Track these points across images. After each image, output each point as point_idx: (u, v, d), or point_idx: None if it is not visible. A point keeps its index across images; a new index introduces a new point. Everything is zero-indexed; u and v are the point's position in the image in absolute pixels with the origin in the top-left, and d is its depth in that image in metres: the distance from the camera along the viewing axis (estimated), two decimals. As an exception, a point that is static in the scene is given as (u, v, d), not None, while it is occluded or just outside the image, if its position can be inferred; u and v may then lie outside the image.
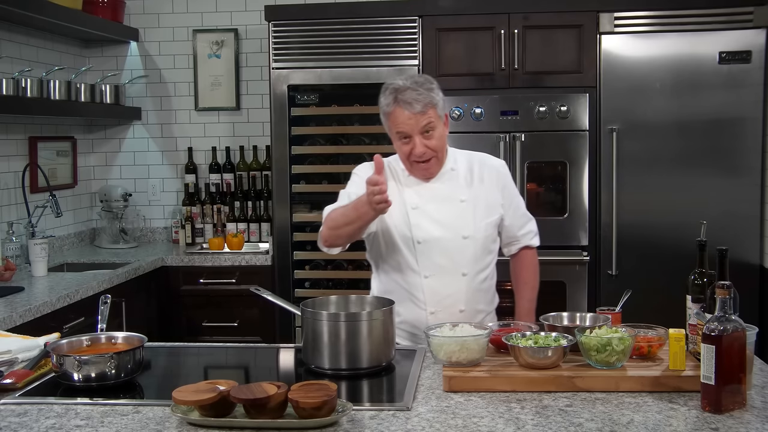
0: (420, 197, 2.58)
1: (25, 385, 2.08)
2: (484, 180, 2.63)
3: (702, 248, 2.15)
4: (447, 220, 2.56)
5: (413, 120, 2.47)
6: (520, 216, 2.71)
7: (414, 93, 2.47)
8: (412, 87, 2.49)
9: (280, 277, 4.32)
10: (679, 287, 2.28)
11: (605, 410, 1.84)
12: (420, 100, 2.47)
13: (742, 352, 1.82)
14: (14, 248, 3.96)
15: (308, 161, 4.44)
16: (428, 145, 2.50)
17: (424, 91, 2.48)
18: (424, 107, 2.47)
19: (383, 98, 2.55)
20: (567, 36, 4.08)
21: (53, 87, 4.15)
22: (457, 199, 2.58)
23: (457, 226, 2.56)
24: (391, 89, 2.53)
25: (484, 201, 2.61)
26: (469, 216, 2.57)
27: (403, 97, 2.48)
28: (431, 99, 2.49)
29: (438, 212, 2.56)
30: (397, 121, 2.50)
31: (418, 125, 2.48)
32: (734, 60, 3.95)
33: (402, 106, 2.48)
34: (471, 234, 2.56)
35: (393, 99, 2.50)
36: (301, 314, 2.23)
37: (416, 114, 2.46)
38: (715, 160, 3.99)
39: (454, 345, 2.07)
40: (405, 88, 2.49)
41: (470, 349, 2.07)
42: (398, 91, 2.50)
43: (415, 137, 2.49)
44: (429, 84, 2.53)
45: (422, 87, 2.49)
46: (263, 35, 4.70)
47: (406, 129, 2.49)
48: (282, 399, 1.76)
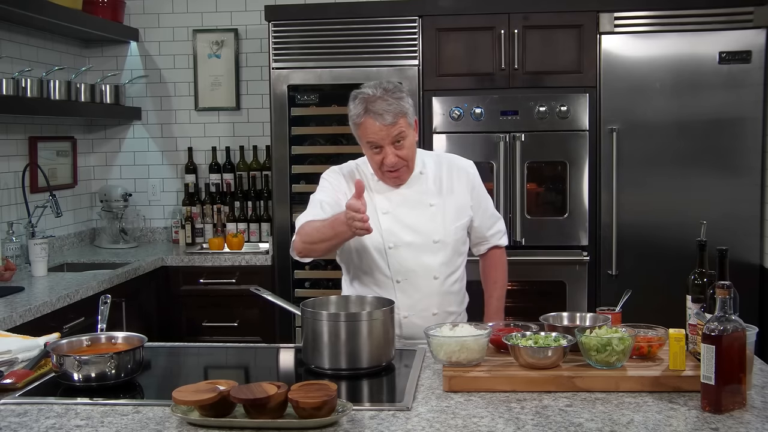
0: (390, 202, 2.58)
1: (25, 385, 2.08)
2: (453, 182, 2.63)
3: (702, 248, 2.15)
4: (417, 224, 2.56)
5: (384, 131, 2.45)
6: (489, 216, 2.72)
7: (384, 103, 2.44)
8: (382, 96, 2.45)
9: (280, 277, 4.32)
10: (679, 287, 2.28)
11: (605, 410, 1.84)
12: (390, 111, 2.44)
13: (742, 352, 1.82)
14: (14, 248, 3.96)
15: (308, 161, 4.44)
16: (399, 155, 2.49)
17: (393, 101, 2.45)
18: (395, 117, 2.44)
19: (353, 107, 2.52)
20: (567, 36, 4.08)
21: (53, 87, 4.15)
22: (426, 204, 2.58)
23: (428, 231, 2.56)
24: (361, 98, 2.49)
25: (453, 204, 2.61)
26: (439, 220, 2.57)
27: (373, 108, 2.44)
28: (401, 108, 2.46)
29: (408, 217, 2.56)
30: (367, 132, 2.48)
31: (389, 136, 2.46)
32: (734, 60, 3.95)
33: (372, 117, 2.45)
34: (441, 238, 2.57)
35: (363, 109, 2.47)
36: (301, 314, 2.23)
37: (387, 125, 2.44)
38: (715, 160, 3.99)
39: (454, 345, 2.07)
40: (375, 98, 2.45)
41: (470, 349, 2.07)
42: (368, 101, 2.46)
43: (386, 148, 2.47)
44: (398, 92, 2.49)
45: (392, 96, 2.46)
46: (263, 35, 4.70)
47: (377, 140, 2.47)
48: (282, 399, 1.76)
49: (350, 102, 2.54)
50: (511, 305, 4.10)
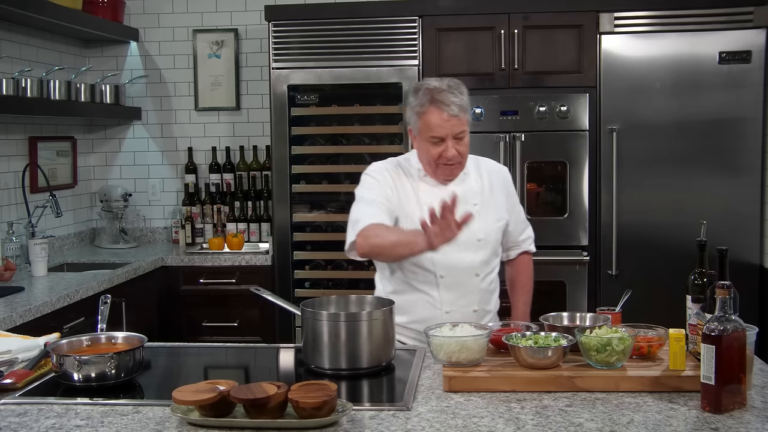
0: (436, 199, 2.55)
1: (25, 385, 2.08)
2: (492, 185, 2.66)
3: (702, 248, 2.15)
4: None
5: (449, 123, 2.45)
6: (521, 221, 2.77)
7: (451, 95, 2.45)
8: (448, 89, 2.46)
9: (280, 277, 4.32)
10: (679, 287, 2.28)
11: (605, 410, 1.84)
12: (457, 103, 2.45)
13: (742, 352, 1.82)
14: (14, 248, 3.96)
15: (308, 161, 4.44)
16: (458, 150, 2.50)
17: (458, 94, 2.47)
18: (460, 111, 2.46)
19: (415, 98, 2.51)
20: (567, 36, 4.08)
21: (53, 87, 4.15)
22: (471, 203, 2.58)
23: (472, 229, 2.53)
24: (426, 89, 2.48)
25: (493, 206, 2.63)
26: (481, 219, 2.58)
27: (440, 98, 2.44)
28: (465, 104, 2.48)
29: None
30: (431, 123, 2.47)
31: (452, 129, 2.46)
32: (734, 60, 3.95)
33: (439, 107, 2.44)
34: (484, 237, 2.59)
35: (429, 99, 2.46)
36: (301, 314, 2.23)
37: (452, 117, 2.44)
38: (715, 160, 3.99)
39: (454, 345, 2.07)
40: (441, 90, 2.46)
41: (470, 349, 2.07)
42: (434, 91, 2.46)
43: (448, 140, 2.47)
44: (461, 88, 2.51)
45: (457, 90, 2.48)
46: (263, 35, 4.70)
47: (441, 133, 2.47)
48: (282, 399, 1.76)
49: (411, 94, 2.54)
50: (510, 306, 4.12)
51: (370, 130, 4.39)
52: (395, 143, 4.32)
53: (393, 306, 2.26)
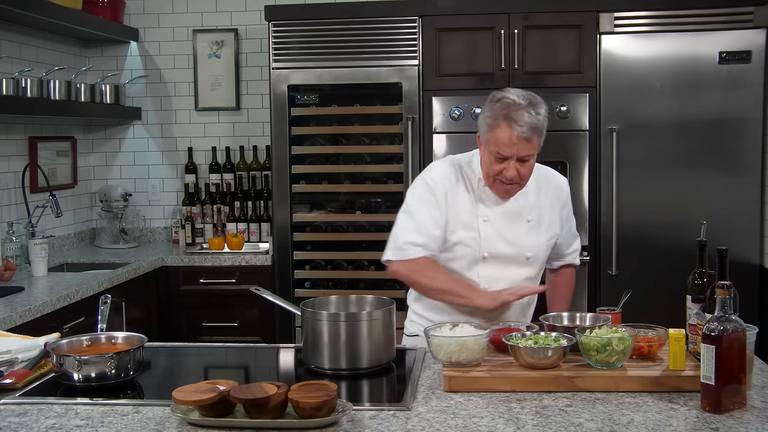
0: (492, 210, 2.52)
1: (25, 385, 2.08)
2: (549, 199, 2.58)
3: (702, 248, 2.15)
4: (514, 238, 2.52)
5: (517, 144, 2.34)
6: (571, 235, 2.71)
7: (526, 114, 2.32)
8: (526, 107, 2.33)
9: (280, 277, 4.32)
10: (679, 287, 2.28)
11: (605, 410, 1.84)
12: (530, 124, 2.32)
13: (742, 352, 1.82)
14: (14, 248, 3.96)
15: (308, 161, 4.44)
16: (520, 172, 2.40)
17: (535, 114, 2.34)
18: (532, 133, 2.33)
19: (490, 108, 2.38)
20: (567, 36, 4.08)
21: (53, 87, 4.15)
22: (524, 219, 2.54)
23: (523, 246, 2.53)
24: (504, 102, 2.35)
25: (547, 221, 2.57)
26: (533, 236, 2.54)
27: (514, 116, 2.32)
28: (540, 124, 2.35)
29: (507, 229, 2.52)
30: (498, 139, 2.36)
31: (519, 151, 2.36)
32: (734, 60, 3.94)
33: (510, 125, 2.33)
34: (533, 255, 2.55)
35: (503, 114, 2.33)
36: (301, 314, 2.23)
37: (522, 139, 2.33)
38: (715, 160, 3.99)
39: (454, 345, 2.07)
40: (518, 106, 2.33)
41: (470, 349, 2.07)
42: (510, 107, 2.33)
43: (511, 160, 2.37)
44: (540, 107, 2.37)
45: (534, 109, 2.34)
46: (263, 35, 4.70)
47: (507, 152, 2.36)
48: (282, 399, 1.76)
49: (488, 103, 2.41)
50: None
51: (370, 130, 4.39)
52: (395, 143, 4.32)
53: (393, 306, 2.25)
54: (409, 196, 2.57)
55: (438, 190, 2.51)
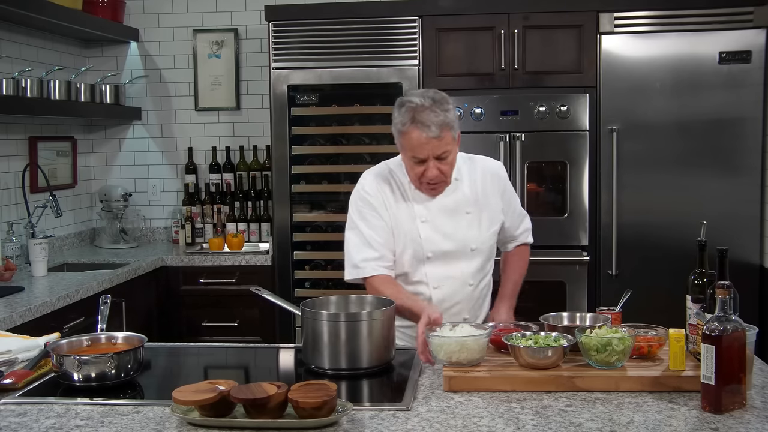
0: (428, 211, 2.55)
1: (25, 385, 2.08)
2: (486, 188, 2.60)
3: (702, 248, 2.15)
4: (455, 233, 2.54)
5: (429, 144, 2.39)
6: (517, 216, 2.73)
7: (432, 114, 2.37)
8: (430, 107, 2.38)
9: (280, 277, 4.32)
10: (679, 287, 2.28)
11: (605, 410, 1.84)
12: (437, 123, 2.37)
13: (742, 352, 1.82)
14: (14, 248, 3.96)
15: (308, 161, 4.44)
16: (441, 169, 2.45)
17: (441, 112, 2.39)
18: (441, 130, 2.38)
19: (398, 114, 2.44)
20: (567, 36, 4.08)
21: (53, 87, 4.15)
22: (463, 212, 2.56)
23: (465, 239, 2.55)
24: (408, 107, 2.41)
25: (487, 210, 2.59)
26: (475, 228, 2.57)
27: (420, 118, 2.37)
28: (447, 120, 2.40)
29: (446, 226, 2.54)
30: (412, 144, 2.41)
31: (433, 151, 2.40)
32: (734, 60, 3.95)
33: (419, 128, 2.38)
34: (478, 246, 2.57)
35: (410, 119, 2.39)
36: (301, 314, 2.23)
37: (432, 138, 2.37)
38: (715, 160, 3.99)
39: (454, 345, 2.07)
40: (423, 108, 2.38)
41: (470, 349, 2.07)
42: (415, 110, 2.38)
43: (429, 161, 2.42)
44: (446, 104, 2.42)
45: (440, 107, 2.39)
46: (263, 35, 4.70)
47: (422, 154, 2.41)
48: (282, 399, 1.76)
49: (395, 109, 2.46)
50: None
51: (370, 130, 4.39)
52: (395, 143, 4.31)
53: (393, 306, 2.26)
54: (350, 214, 2.60)
55: (374, 201, 2.56)
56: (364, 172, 2.66)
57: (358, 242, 2.55)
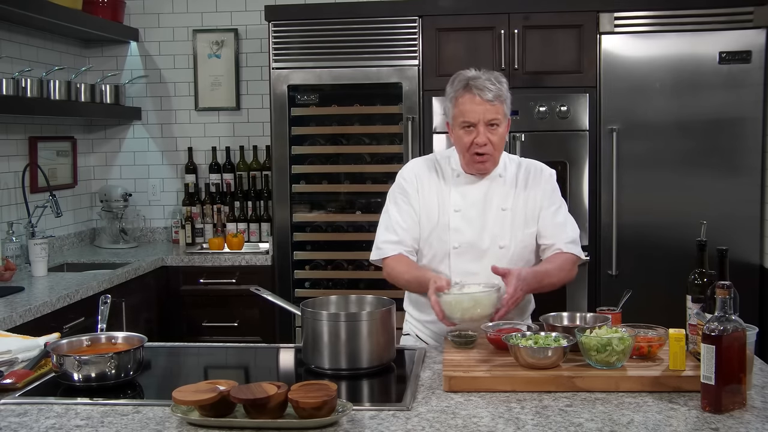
0: (464, 200, 2.54)
1: (25, 385, 2.08)
2: (528, 188, 2.56)
3: (702, 248, 2.15)
4: (486, 227, 2.52)
5: (482, 108, 2.42)
6: (557, 224, 2.55)
7: (487, 82, 2.42)
8: (486, 77, 2.44)
9: (280, 277, 4.32)
10: (679, 287, 2.28)
11: (605, 410, 1.84)
12: (493, 90, 2.42)
13: (742, 352, 1.82)
14: (14, 248, 3.96)
15: (308, 161, 4.44)
16: (491, 139, 2.45)
17: (497, 83, 2.44)
18: (495, 98, 2.42)
19: (451, 87, 2.49)
20: (567, 36, 4.08)
21: (53, 87, 4.15)
22: (499, 207, 2.53)
23: (496, 235, 2.51)
24: (463, 77, 2.46)
25: (524, 210, 2.54)
26: (507, 225, 2.53)
27: (475, 84, 2.42)
28: (502, 92, 2.45)
29: (479, 218, 2.52)
30: (464, 108, 2.44)
31: (485, 116, 2.42)
32: (734, 60, 3.95)
33: (473, 92, 2.41)
34: (507, 244, 2.52)
35: (463, 85, 2.44)
36: (301, 314, 2.23)
37: (486, 102, 2.41)
38: (715, 160, 3.99)
39: (467, 302, 2.13)
40: (477, 77, 2.44)
41: (483, 305, 2.16)
42: (471, 78, 2.44)
43: (479, 126, 2.43)
44: (502, 79, 2.48)
45: (496, 80, 2.45)
46: (263, 35, 4.70)
47: (473, 118, 2.43)
48: (282, 399, 1.76)
49: (449, 84, 2.51)
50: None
51: (370, 130, 4.39)
52: (395, 143, 4.32)
53: (393, 306, 2.26)
54: (388, 196, 2.65)
55: (409, 186, 2.59)
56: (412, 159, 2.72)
57: (385, 225, 2.60)
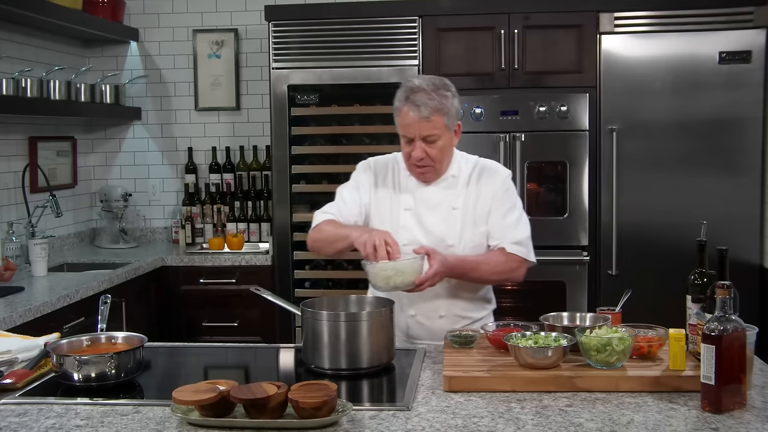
0: (414, 199, 2.57)
1: (25, 385, 2.08)
2: (480, 189, 2.56)
3: (702, 248, 2.15)
4: (435, 226, 2.53)
5: (417, 125, 2.43)
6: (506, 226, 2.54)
7: (425, 96, 2.42)
8: (426, 90, 2.43)
9: (280, 277, 4.32)
10: (679, 287, 2.28)
11: (605, 410, 1.84)
12: (429, 105, 2.41)
13: (742, 352, 1.82)
14: (14, 248, 3.96)
15: (308, 161, 4.44)
16: (428, 153, 2.47)
17: (436, 97, 2.42)
18: (432, 113, 2.41)
19: (397, 94, 2.51)
20: (567, 36, 4.08)
21: (53, 87, 4.15)
22: (449, 207, 2.55)
23: (443, 234, 2.52)
24: (406, 87, 2.48)
25: (474, 210, 2.55)
26: (457, 225, 2.54)
27: (413, 98, 2.43)
28: (442, 106, 2.43)
29: (428, 218, 2.54)
30: (402, 122, 2.47)
31: (420, 132, 2.43)
32: (734, 60, 3.94)
33: (410, 107, 2.43)
34: (455, 243, 2.52)
35: (405, 98, 2.45)
36: (301, 314, 2.23)
37: (421, 119, 2.41)
38: (715, 160, 3.99)
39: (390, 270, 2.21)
40: (419, 90, 2.43)
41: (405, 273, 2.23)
42: (412, 90, 2.45)
43: (416, 141, 2.46)
44: (445, 90, 2.46)
45: (436, 92, 2.43)
46: (263, 35, 4.70)
47: (409, 133, 2.46)
48: (282, 399, 1.76)
49: (398, 90, 2.52)
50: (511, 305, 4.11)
51: (370, 130, 4.39)
52: (395, 143, 4.29)
53: (393, 306, 2.26)
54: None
55: (368, 172, 2.65)
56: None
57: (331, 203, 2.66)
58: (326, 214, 2.61)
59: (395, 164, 2.65)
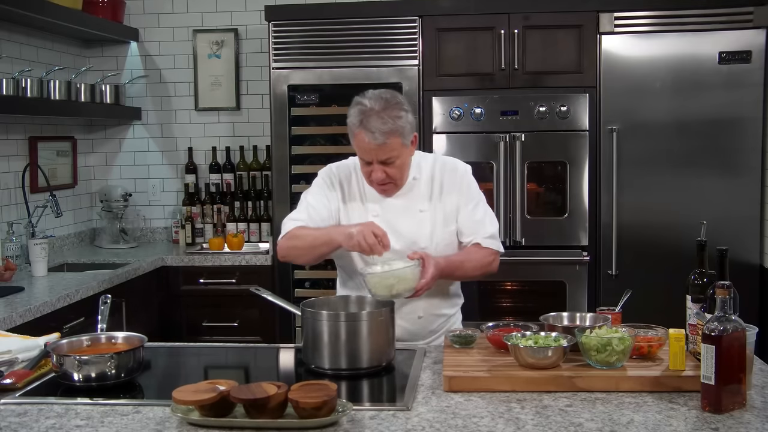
0: (381, 206, 2.56)
1: (25, 385, 2.08)
2: (444, 187, 2.57)
3: (702, 248, 2.15)
4: (405, 231, 2.52)
5: (374, 151, 2.40)
6: (475, 221, 2.57)
7: (379, 121, 2.37)
8: (379, 113, 2.38)
9: (280, 277, 4.32)
10: (679, 287, 2.28)
11: (605, 410, 1.84)
12: (383, 130, 2.37)
13: (742, 352, 1.82)
14: (14, 248, 3.96)
15: (308, 161, 4.44)
16: (387, 172, 2.46)
17: (389, 119, 2.38)
18: (387, 138, 2.38)
19: (350, 115, 2.46)
20: (567, 36, 4.08)
21: (53, 87, 4.15)
22: (416, 210, 2.55)
23: (414, 237, 2.52)
24: (358, 110, 2.43)
25: (443, 210, 2.56)
26: (427, 226, 2.54)
27: (367, 124, 2.38)
28: (395, 127, 2.39)
29: (397, 223, 2.53)
30: (358, 146, 2.45)
31: (377, 156, 2.42)
32: (734, 60, 3.95)
33: (365, 134, 2.39)
34: (427, 245, 2.52)
35: (359, 121, 2.41)
36: (301, 314, 2.23)
37: (378, 145, 2.38)
38: (715, 160, 3.99)
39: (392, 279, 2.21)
40: (372, 113, 2.39)
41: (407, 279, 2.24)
42: (365, 114, 2.40)
43: (374, 164, 2.44)
44: (397, 109, 2.41)
45: (389, 113, 2.38)
46: (263, 35, 4.70)
47: (367, 157, 2.44)
48: (282, 399, 1.76)
49: (350, 108, 2.48)
50: (511, 305, 4.11)
51: (370, 130, 4.38)
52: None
53: (393, 306, 2.26)
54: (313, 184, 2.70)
55: (332, 177, 2.64)
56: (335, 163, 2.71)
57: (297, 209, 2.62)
58: (296, 221, 2.55)
59: (356, 172, 2.61)
